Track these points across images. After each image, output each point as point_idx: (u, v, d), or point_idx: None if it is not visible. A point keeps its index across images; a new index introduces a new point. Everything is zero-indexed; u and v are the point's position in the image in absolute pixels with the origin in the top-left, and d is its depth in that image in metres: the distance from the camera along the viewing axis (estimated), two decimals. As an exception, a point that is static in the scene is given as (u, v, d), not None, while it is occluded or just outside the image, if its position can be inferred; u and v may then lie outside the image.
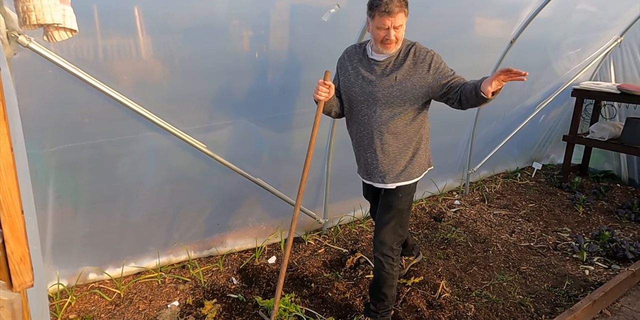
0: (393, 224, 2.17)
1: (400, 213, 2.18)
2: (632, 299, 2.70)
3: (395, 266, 2.20)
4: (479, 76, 1.99)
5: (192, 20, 2.20)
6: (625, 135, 4.14)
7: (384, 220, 2.19)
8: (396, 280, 2.24)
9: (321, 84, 1.99)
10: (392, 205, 2.18)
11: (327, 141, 3.07)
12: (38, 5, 1.21)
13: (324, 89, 1.99)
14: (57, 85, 2.00)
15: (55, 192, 2.26)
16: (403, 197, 2.17)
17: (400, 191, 2.17)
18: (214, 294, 2.59)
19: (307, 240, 3.25)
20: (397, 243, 2.20)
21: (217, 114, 2.57)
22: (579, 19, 3.98)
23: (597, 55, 4.61)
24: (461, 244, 3.29)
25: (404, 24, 1.92)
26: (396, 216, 2.17)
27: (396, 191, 2.18)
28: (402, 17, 1.89)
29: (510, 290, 2.74)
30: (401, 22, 1.90)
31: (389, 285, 2.21)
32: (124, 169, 2.40)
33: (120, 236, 2.59)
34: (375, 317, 2.26)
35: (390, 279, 2.20)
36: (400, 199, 2.17)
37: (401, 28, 1.92)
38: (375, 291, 2.25)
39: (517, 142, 4.65)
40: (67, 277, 2.53)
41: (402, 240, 2.26)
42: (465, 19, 3.27)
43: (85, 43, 1.98)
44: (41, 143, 2.11)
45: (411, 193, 2.20)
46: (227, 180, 2.75)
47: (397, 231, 2.19)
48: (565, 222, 3.77)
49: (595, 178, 4.83)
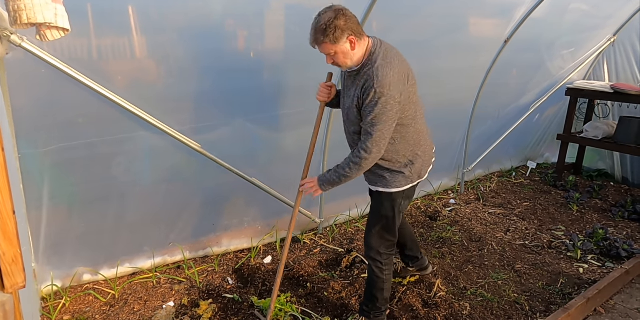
0: (378, 229, 2.16)
1: (386, 219, 2.14)
2: (625, 297, 2.72)
3: (385, 270, 2.18)
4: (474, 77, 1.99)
5: (187, 20, 2.19)
6: (619, 134, 4.17)
7: (369, 224, 2.20)
8: (388, 283, 2.22)
9: (322, 86, 2.13)
10: (376, 209, 2.17)
11: (323, 141, 3.07)
12: (29, 4, 1.20)
13: (325, 91, 2.13)
14: (51, 85, 1.99)
15: (50, 192, 2.25)
16: (385, 202, 2.12)
17: (381, 196, 2.13)
18: (209, 294, 2.58)
19: (303, 239, 3.25)
20: (384, 247, 2.17)
21: (212, 114, 2.56)
22: (572, 19, 4.01)
23: (590, 54, 4.64)
24: (456, 243, 3.30)
25: (337, 50, 1.82)
26: (381, 221, 2.15)
27: (377, 195, 2.16)
28: (328, 46, 1.81)
29: (505, 289, 2.75)
30: (329, 51, 1.84)
31: (379, 288, 2.21)
32: (118, 168, 2.39)
33: (114, 236, 2.57)
34: (368, 317, 2.27)
35: (380, 282, 2.19)
36: (383, 204, 2.13)
37: (337, 55, 1.84)
38: (367, 292, 2.26)
39: (511, 141, 4.67)
40: (62, 278, 2.52)
41: (391, 245, 2.21)
42: (459, 19, 3.28)
43: (79, 42, 1.97)
44: (35, 143, 2.10)
45: (394, 200, 2.10)
46: (222, 180, 2.75)
47: (383, 236, 2.16)
48: (559, 220, 3.79)
49: (589, 177, 4.86)
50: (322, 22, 1.77)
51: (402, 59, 1.94)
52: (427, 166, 2.18)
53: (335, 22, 1.76)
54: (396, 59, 1.88)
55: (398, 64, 1.87)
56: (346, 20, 1.78)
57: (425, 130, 2.13)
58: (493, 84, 3.89)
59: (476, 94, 3.89)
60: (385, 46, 1.92)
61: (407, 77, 1.91)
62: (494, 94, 4.01)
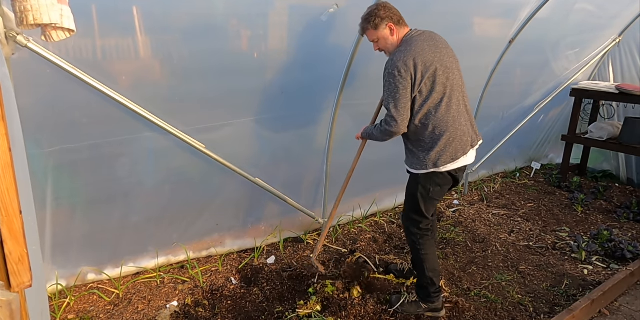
0: (407, 208, 2.38)
1: (412, 198, 2.31)
2: (630, 299, 2.71)
3: (420, 249, 2.33)
4: (479, 76, 2.01)
5: (191, 20, 2.20)
6: (624, 135, 4.14)
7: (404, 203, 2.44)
8: (427, 263, 2.33)
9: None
10: (407, 188, 2.36)
11: (326, 142, 3.07)
12: (35, 5, 1.21)
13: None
14: (56, 86, 2.00)
15: (54, 193, 2.26)
16: (411, 181, 2.32)
17: (410, 175, 2.34)
18: (213, 294, 2.59)
19: (306, 240, 3.25)
20: (414, 227, 2.34)
21: (216, 114, 2.56)
22: (577, 19, 3.98)
23: (595, 55, 4.62)
24: (460, 244, 3.29)
25: (379, 35, 2.19)
26: (408, 200, 2.36)
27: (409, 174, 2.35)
28: (371, 33, 2.19)
29: (509, 290, 2.74)
30: (373, 37, 2.21)
31: (419, 267, 2.37)
32: (123, 169, 2.39)
33: (119, 236, 2.58)
34: (417, 295, 2.44)
35: (418, 261, 2.35)
36: (410, 183, 2.34)
37: (380, 40, 2.20)
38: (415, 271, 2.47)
39: (516, 142, 4.65)
40: (66, 278, 2.53)
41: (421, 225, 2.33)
42: (464, 19, 3.27)
43: (84, 43, 1.97)
44: (39, 143, 2.11)
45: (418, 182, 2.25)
46: (226, 180, 2.75)
47: (409, 215, 2.35)
48: (564, 221, 3.77)
49: (593, 178, 4.83)
50: (367, 13, 2.19)
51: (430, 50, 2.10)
52: (448, 159, 2.17)
53: (377, 12, 2.15)
54: (417, 47, 2.08)
55: (416, 52, 2.07)
56: (385, 10, 2.15)
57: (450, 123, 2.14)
58: (497, 84, 3.87)
59: (480, 94, 3.87)
60: (417, 37, 2.15)
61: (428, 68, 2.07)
62: (498, 94, 4.00)
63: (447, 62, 2.14)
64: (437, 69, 2.08)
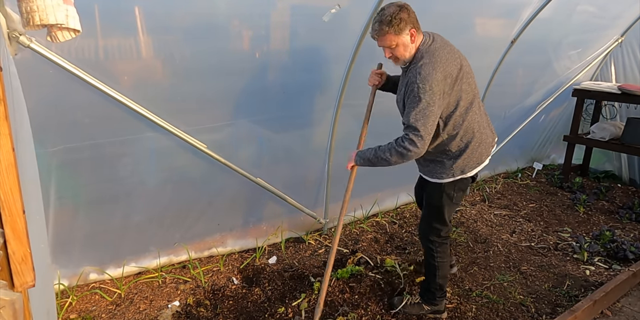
0: (427, 216, 2.33)
1: (434, 208, 2.26)
2: (633, 299, 2.70)
3: (436, 257, 2.30)
4: (481, 76, 2.01)
5: (193, 20, 2.20)
6: (626, 136, 4.13)
7: (422, 211, 2.42)
8: (441, 270, 2.32)
9: (373, 73, 2.35)
10: (427, 198, 2.32)
11: (328, 142, 3.07)
12: (41, 5, 1.21)
13: (375, 77, 2.35)
14: (58, 86, 2.00)
15: (57, 192, 2.26)
16: (433, 192, 2.24)
17: (430, 185, 2.26)
18: (214, 293, 2.59)
19: (307, 240, 3.25)
20: (434, 235, 2.29)
21: (218, 114, 2.57)
22: (579, 19, 3.98)
23: (597, 55, 4.61)
24: (462, 244, 3.28)
25: (398, 41, 1.95)
26: (429, 210, 2.32)
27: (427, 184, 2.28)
28: (390, 38, 1.94)
29: (511, 291, 2.74)
30: (391, 43, 1.96)
31: (431, 274, 2.35)
32: (125, 169, 2.40)
33: (121, 236, 2.59)
34: (422, 298, 2.43)
35: (432, 268, 2.34)
36: (431, 193, 2.27)
37: (397, 47, 1.97)
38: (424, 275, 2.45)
39: (517, 142, 4.64)
40: (68, 277, 2.53)
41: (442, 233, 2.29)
42: (466, 19, 3.27)
43: (86, 43, 1.98)
44: (42, 143, 2.11)
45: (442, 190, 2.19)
46: (227, 180, 2.75)
47: (430, 223, 2.29)
48: (566, 222, 3.77)
49: (596, 178, 4.82)
50: (388, 14, 1.91)
51: (450, 58, 2.00)
52: (474, 164, 2.16)
53: (400, 15, 1.90)
54: (441, 58, 1.96)
55: (442, 64, 1.95)
56: (409, 13, 1.93)
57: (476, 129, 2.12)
58: (499, 84, 3.87)
59: (482, 94, 3.87)
60: (435, 45, 2.01)
61: (454, 78, 1.98)
62: (500, 94, 3.99)
63: (465, 66, 2.06)
64: (461, 77, 2.00)
